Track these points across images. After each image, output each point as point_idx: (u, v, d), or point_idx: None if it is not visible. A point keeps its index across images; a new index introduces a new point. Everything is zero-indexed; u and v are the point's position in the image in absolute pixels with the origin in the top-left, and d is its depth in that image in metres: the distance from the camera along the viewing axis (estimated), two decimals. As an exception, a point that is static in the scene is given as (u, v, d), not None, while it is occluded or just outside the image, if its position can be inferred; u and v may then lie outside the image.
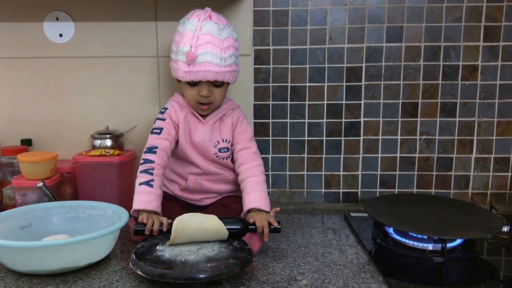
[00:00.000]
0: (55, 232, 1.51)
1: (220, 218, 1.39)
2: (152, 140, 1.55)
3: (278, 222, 1.44)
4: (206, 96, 1.54)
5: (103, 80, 1.89)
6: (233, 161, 1.64)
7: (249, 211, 1.48)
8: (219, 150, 1.61)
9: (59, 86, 1.90)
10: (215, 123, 1.62)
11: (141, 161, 1.51)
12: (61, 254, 1.30)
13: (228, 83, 1.59)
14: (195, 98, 1.56)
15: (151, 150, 1.52)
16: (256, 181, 1.54)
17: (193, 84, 1.55)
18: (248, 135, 1.64)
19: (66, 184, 1.81)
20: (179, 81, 1.60)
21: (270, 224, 1.43)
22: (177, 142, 1.60)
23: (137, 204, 1.43)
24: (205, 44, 1.50)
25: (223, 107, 1.64)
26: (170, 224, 1.37)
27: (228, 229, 1.37)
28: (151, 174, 1.47)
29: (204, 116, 1.62)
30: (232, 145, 1.64)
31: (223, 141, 1.62)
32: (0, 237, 1.35)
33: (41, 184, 1.63)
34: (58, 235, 1.49)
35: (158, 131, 1.57)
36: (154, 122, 1.59)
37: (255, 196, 1.50)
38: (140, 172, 1.49)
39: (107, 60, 1.88)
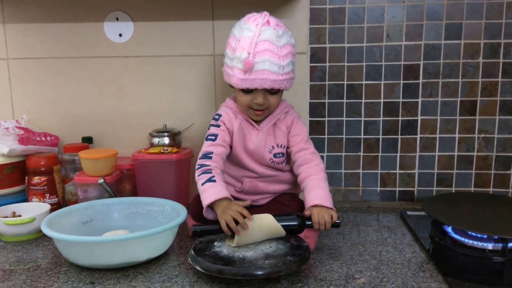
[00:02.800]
0: (115, 228, 1.56)
1: (278, 215, 1.38)
2: (206, 147, 1.54)
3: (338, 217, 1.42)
4: (261, 104, 1.51)
5: (161, 79, 1.92)
6: (289, 162, 1.63)
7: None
8: (274, 155, 1.59)
9: (118, 85, 1.94)
10: (269, 129, 1.60)
11: (197, 167, 1.50)
12: (122, 249, 1.33)
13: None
14: (249, 104, 1.53)
15: (206, 155, 1.51)
16: (315, 179, 1.51)
17: (248, 91, 1.52)
18: (304, 137, 1.60)
19: (125, 181, 1.84)
20: (231, 86, 1.57)
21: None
22: (231, 147, 1.59)
23: (206, 199, 1.40)
24: (264, 51, 1.45)
25: (276, 111, 1.60)
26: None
27: (285, 225, 1.36)
28: (210, 172, 1.45)
29: (258, 122, 1.59)
30: (288, 148, 1.61)
31: (278, 146, 1.60)
32: (63, 231, 1.38)
33: (102, 180, 1.68)
34: (118, 230, 1.53)
35: (213, 137, 1.55)
36: (209, 129, 1.58)
37: (316, 193, 1.47)
38: (198, 175, 1.47)
39: (165, 59, 1.90)
